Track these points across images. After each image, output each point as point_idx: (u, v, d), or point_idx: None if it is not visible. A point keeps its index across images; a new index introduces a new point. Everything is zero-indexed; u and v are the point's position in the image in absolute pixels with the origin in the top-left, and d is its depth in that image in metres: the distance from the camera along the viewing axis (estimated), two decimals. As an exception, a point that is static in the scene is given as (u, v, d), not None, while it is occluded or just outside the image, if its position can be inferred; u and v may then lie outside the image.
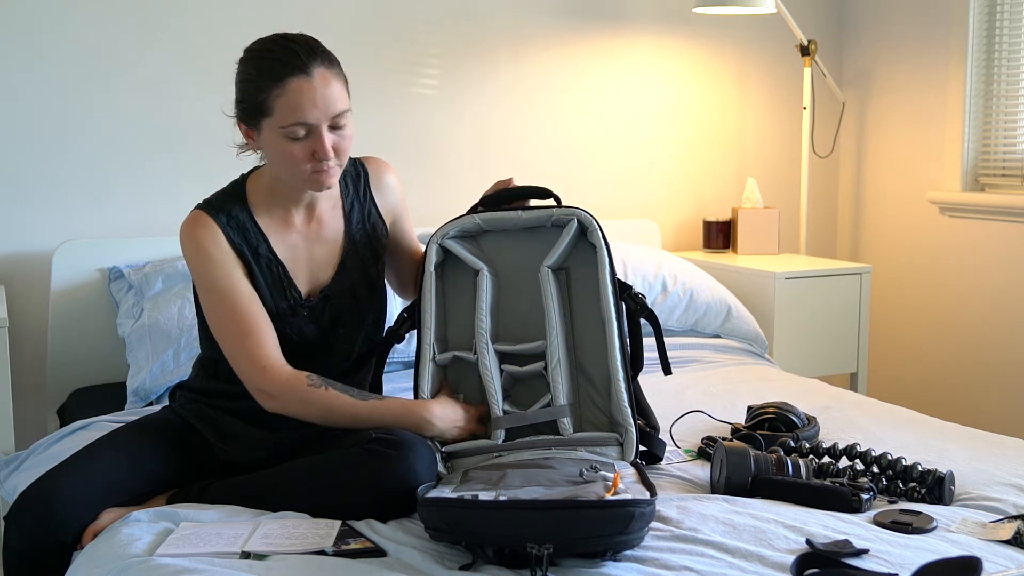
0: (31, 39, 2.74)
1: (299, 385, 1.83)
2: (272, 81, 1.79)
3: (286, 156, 1.82)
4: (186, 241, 1.87)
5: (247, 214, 1.91)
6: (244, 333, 1.84)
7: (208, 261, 1.85)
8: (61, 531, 1.71)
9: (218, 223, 1.87)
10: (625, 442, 1.87)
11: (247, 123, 1.86)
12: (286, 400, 1.83)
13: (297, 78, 1.79)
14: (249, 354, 1.84)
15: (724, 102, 3.69)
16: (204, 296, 1.88)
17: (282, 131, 1.80)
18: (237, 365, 1.86)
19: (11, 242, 2.77)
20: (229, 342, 1.86)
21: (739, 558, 1.53)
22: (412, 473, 1.71)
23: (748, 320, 3.07)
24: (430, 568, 1.52)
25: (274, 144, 1.83)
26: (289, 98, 1.79)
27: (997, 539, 1.61)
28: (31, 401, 2.77)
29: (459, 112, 3.27)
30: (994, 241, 3.37)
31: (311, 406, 1.83)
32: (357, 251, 2.01)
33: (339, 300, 1.97)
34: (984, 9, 3.38)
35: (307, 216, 1.97)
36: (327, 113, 1.81)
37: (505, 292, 2.01)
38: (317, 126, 1.81)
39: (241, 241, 1.88)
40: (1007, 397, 3.34)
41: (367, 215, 2.04)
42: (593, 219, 1.99)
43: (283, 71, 1.79)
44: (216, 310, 1.86)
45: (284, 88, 1.79)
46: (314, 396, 1.82)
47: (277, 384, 1.83)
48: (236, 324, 1.84)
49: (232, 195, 1.93)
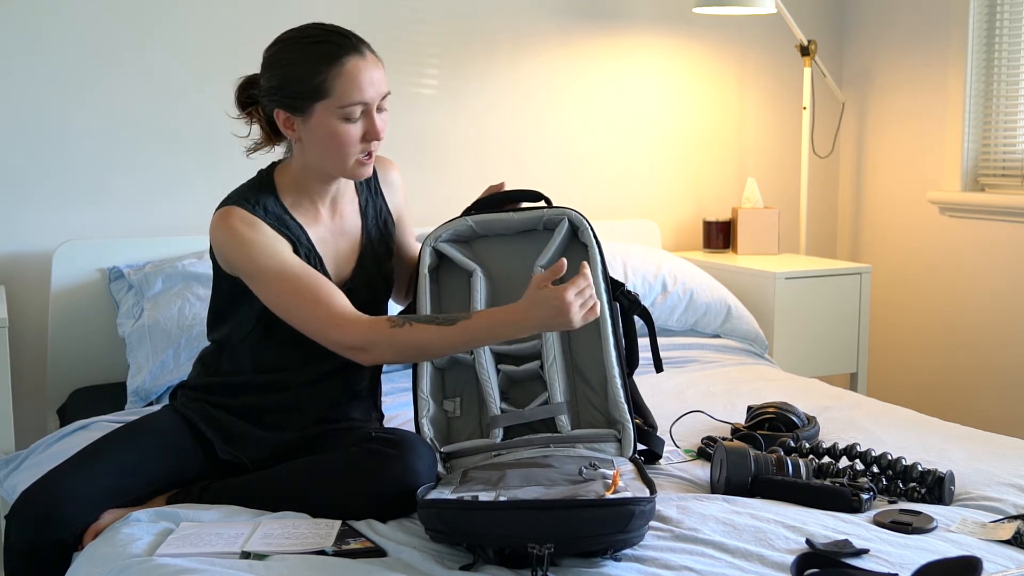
0: (31, 39, 2.74)
1: (384, 331, 1.77)
2: (329, 62, 1.80)
3: (338, 139, 1.82)
4: (224, 233, 1.83)
5: (281, 207, 1.89)
6: (312, 300, 1.80)
7: (252, 245, 1.81)
8: (62, 531, 1.71)
9: (256, 214, 1.84)
10: (623, 438, 1.88)
11: (293, 109, 1.83)
12: (378, 350, 1.78)
13: (353, 58, 1.81)
14: (325, 317, 1.79)
15: (724, 102, 3.69)
16: (256, 282, 1.83)
17: (339, 112, 1.80)
18: (316, 333, 1.81)
19: (11, 242, 2.77)
20: (300, 314, 1.81)
21: (739, 558, 1.53)
22: (412, 473, 1.71)
23: (748, 320, 3.07)
24: (430, 568, 1.52)
25: (326, 127, 1.82)
26: (349, 77, 1.80)
27: (997, 539, 1.61)
28: (31, 401, 2.77)
29: (458, 112, 3.27)
30: (994, 241, 3.37)
31: (403, 347, 1.78)
32: (373, 246, 2.01)
33: (359, 294, 1.96)
34: (984, 9, 3.38)
35: (331, 210, 1.96)
36: (380, 92, 1.84)
37: (499, 294, 2.01)
38: (371, 106, 1.83)
39: (284, 230, 1.86)
40: (1007, 397, 3.34)
41: (379, 211, 2.04)
42: (584, 219, 2.00)
43: (339, 52, 1.81)
44: (273, 289, 1.81)
45: (343, 68, 1.80)
46: (403, 337, 1.77)
47: (363, 337, 1.78)
48: (300, 294, 1.80)
49: (261, 189, 1.90)
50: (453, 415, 1.96)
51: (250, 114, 1.94)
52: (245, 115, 1.95)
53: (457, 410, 1.96)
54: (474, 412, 1.96)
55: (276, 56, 1.85)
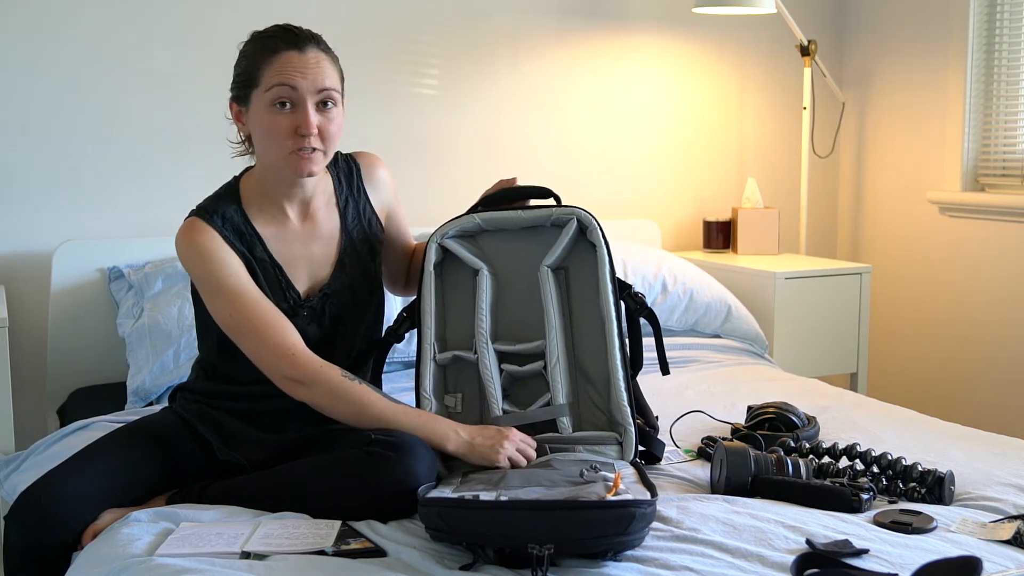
0: (32, 39, 2.74)
1: (333, 376, 1.80)
2: (266, 53, 1.83)
3: (268, 128, 1.83)
4: (184, 248, 1.85)
5: (241, 215, 1.90)
6: (263, 326, 1.82)
7: (211, 263, 1.84)
8: (61, 531, 1.71)
9: (214, 227, 1.85)
10: (624, 441, 1.87)
11: (240, 100, 1.87)
12: (317, 390, 1.80)
13: (289, 51, 1.83)
14: (273, 345, 1.81)
15: (724, 102, 3.69)
16: (212, 300, 1.85)
17: (267, 97, 1.82)
18: (261, 360, 1.83)
19: (11, 242, 2.77)
20: (249, 339, 1.83)
21: (739, 558, 1.53)
22: (412, 475, 1.70)
23: (748, 320, 3.07)
24: (430, 568, 1.52)
25: (260, 116, 1.84)
26: (278, 65, 1.82)
27: (997, 539, 1.61)
28: (31, 401, 2.77)
29: (459, 112, 3.27)
30: (994, 241, 3.37)
31: (342, 398, 1.80)
32: (355, 248, 2.00)
33: (339, 298, 1.97)
34: (984, 9, 3.37)
35: (302, 214, 1.96)
36: (314, 85, 1.83)
37: (504, 292, 2.01)
38: (302, 97, 1.82)
39: (238, 243, 1.87)
40: (1007, 397, 3.34)
41: (362, 211, 2.03)
42: (593, 218, 1.99)
43: (278, 45, 1.84)
44: (228, 309, 1.84)
45: (275, 58, 1.82)
46: (347, 389, 1.79)
47: (309, 372, 1.80)
48: (253, 319, 1.82)
49: (225, 197, 1.92)
50: (454, 410, 1.96)
51: None
52: None
53: (458, 405, 1.96)
54: (475, 408, 1.96)
55: (239, 52, 1.90)
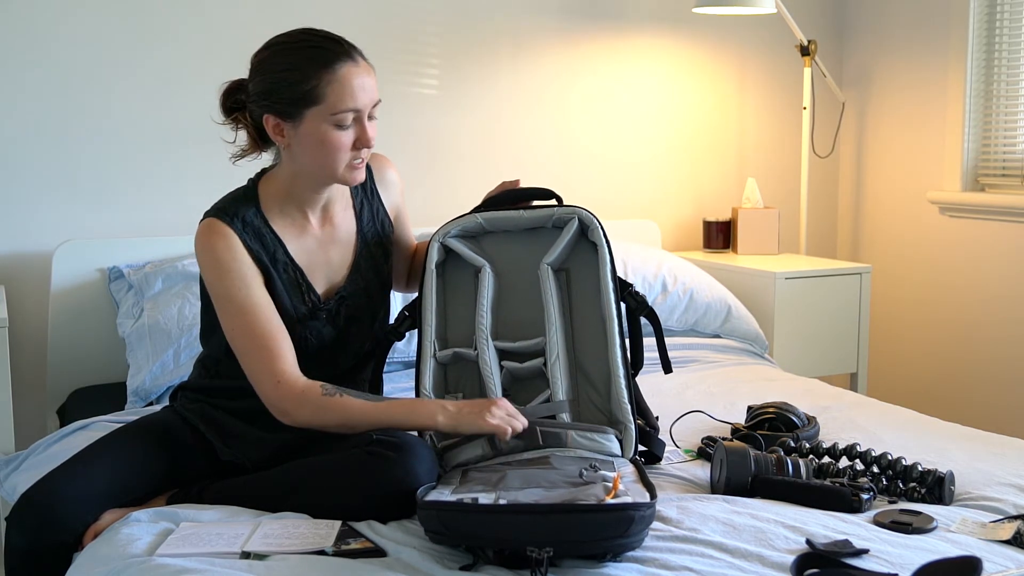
0: (32, 39, 2.74)
1: (313, 396, 1.80)
2: (321, 68, 1.79)
3: (330, 146, 1.81)
4: (203, 251, 1.84)
5: (261, 219, 1.88)
6: (261, 346, 1.81)
7: (227, 273, 1.82)
8: (62, 531, 1.71)
9: (234, 230, 1.84)
10: (624, 439, 1.87)
11: (284, 115, 1.82)
12: (300, 414, 1.80)
13: (346, 64, 1.80)
14: (266, 367, 1.81)
15: (724, 102, 3.69)
16: (220, 306, 1.85)
17: (332, 119, 1.79)
18: (253, 377, 1.83)
19: (11, 242, 2.77)
20: (247, 355, 1.83)
21: (739, 558, 1.53)
22: (412, 475, 1.70)
23: (748, 320, 3.07)
24: (430, 568, 1.52)
25: (317, 134, 1.81)
26: (342, 84, 1.79)
27: (997, 539, 1.61)
28: (31, 401, 2.77)
29: (459, 112, 3.27)
30: (994, 241, 3.37)
31: (328, 413, 1.79)
32: (369, 250, 2.01)
33: (354, 300, 1.97)
34: (984, 9, 3.37)
35: (322, 218, 1.96)
36: (372, 99, 1.83)
37: (506, 290, 2.01)
38: (363, 113, 1.82)
39: (259, 247, 1.86)
40: (1007, 397, 3.34)
41: (376, 213, 2.04)
42: (594, 218, 2.00)
43: (332, 58, 1.80)
44: (233, 322, 1.83)
45: (335, 74, 1.79)
46: (330, 404, 1.79)
47: (292, 398, 1.80)
48: (254, 337, 1.82)
49: (244, 199, 1.90)
50: None
51: (236, 119, 1.92)
52: (230, 120, 1.93)
53: None
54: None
55: (266, 61, 1.84)
